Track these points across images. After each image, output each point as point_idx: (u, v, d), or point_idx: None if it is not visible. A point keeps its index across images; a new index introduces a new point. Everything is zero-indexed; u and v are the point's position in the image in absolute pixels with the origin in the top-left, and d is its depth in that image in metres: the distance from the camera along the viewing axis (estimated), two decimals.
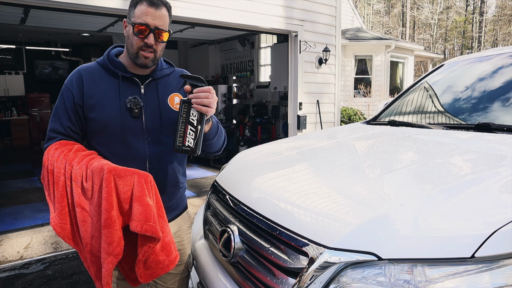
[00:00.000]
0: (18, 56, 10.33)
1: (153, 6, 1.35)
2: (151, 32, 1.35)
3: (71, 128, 1.42)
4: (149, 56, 1.38)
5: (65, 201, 1.30)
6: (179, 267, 1.60)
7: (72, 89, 1.41)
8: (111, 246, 1.23)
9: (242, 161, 1.94)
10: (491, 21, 32.09)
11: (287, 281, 1.09)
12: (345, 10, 12.82)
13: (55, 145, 1.38)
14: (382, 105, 2.87)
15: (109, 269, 1.24)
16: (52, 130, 1.43)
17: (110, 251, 1.23)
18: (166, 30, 1.39)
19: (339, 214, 1.10)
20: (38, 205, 4.94)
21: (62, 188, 1.30)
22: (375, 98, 10.77)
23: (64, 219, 1.29)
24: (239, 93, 8.69)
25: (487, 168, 1.27)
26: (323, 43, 6.40)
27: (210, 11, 4.97)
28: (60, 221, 1.29)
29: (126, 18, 1.42)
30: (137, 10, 1.35)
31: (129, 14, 1.39)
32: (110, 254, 1.23)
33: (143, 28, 1.34)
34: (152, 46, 1.37)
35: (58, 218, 1.29)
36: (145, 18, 1.34)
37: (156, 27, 1.35)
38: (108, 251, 1.23)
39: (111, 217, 1.22)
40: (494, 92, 2.00)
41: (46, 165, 1.34)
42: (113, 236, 1.22)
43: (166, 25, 1.40)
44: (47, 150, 1.38)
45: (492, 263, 0.90)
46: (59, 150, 1.36)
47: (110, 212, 1.22)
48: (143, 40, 1.36)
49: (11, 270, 3.16)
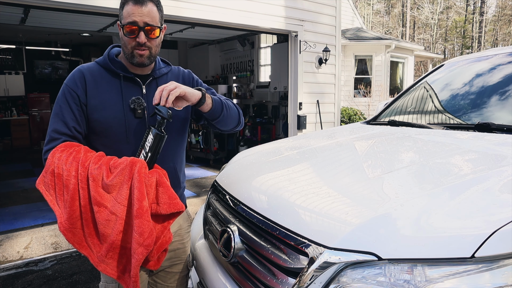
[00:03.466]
0: (18, 56, 10.32)
1: (138, 3, 1.34)
2: (141, 30, 1.34)
3: (76, 128, 1.39)
4: (144, 53, 1.38)
5: (77, 204, 1.28)
6: (179, 266, 1.60)
7: (76, 89, 1.39)
8: (142, 237, 1.23)
9: (242, 161, 1.94)
10: (491, 21, 32.09)
11: (287, 281, 1.09)
12: (345, 10, 12.82)
13: (60, 147, 1.35)
14: (382, 105, 2.87)
15: (139, 260, 1.24)
16: (55, 131, 1.38)
17: (141, 242, 1.23)
18: (156, 25, 1.37)
19: (339, 214, 1.10)
20: (38, 205, 4.94)
21: (73, 191, 1.28)
22: (375, 98, 10.77)
23: (74, 223, 1.28)
24: (239, 93, 8.69)
25: (487, 168, 1.27)
26: (323, 43, 6.40)
27: (210, 11, 4.97)
28: (71, 226, 1.28)
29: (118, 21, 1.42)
30: (124, 11, 1.35)
31: (119, 17, 1.39)
32: (141, 245, 1.23)
33: (133, 28, 1.34)
34: (145, 44, 1.36)
35: (68, 223, 1.27)
36: (132, 17, 1.33)
37: (145, 23, 1.34)
38: (139, 241, 1.23)
39: (143, 207, 1.24)
40: (494, 92, 2.00)
41: (52, 169, 1.31)
42: (144, 226, 1.24)
43: (156, 20, 1.38)
44: (52, 153, 1.33)
45: (492, 263, 0.90)
46: (66, 153, 1.33)
47: (141, 202, 1.24)
48: (135, 39, 1.35)
49: (11, 270, 3.16)
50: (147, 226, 1.25)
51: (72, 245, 1.30)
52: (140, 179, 1.26)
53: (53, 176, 1.31)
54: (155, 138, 1.31)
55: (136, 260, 1.24)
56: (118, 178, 1.27)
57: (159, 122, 1.32)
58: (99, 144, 1.43)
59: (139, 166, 1.27)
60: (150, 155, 1.33)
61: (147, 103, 1.44)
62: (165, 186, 1.32)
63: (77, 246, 1.30)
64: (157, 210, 1.31)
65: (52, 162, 1.32)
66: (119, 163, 1.30)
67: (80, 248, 1.31)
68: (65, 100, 1.39)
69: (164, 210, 1.31)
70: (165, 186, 1.32)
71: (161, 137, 1.32)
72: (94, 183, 1.27)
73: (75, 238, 1.29)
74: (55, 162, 1.31)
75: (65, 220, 1.28)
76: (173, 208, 1.32)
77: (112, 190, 1.27)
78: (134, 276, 1.26)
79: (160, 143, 1.32)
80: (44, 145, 1.40)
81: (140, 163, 1.28)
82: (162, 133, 1.32)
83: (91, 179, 1.28)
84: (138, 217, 1.24)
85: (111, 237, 1.26)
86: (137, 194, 1.24)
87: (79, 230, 1.29)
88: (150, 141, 1.31)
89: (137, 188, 1.25)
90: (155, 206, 1.31)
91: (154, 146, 1.31)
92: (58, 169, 1.30)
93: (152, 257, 1.36)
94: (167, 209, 1.31)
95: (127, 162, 1.28)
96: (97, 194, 1.27)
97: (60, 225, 1.28)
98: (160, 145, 1.33)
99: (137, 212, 1.24)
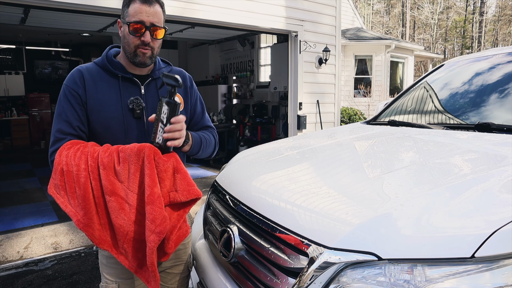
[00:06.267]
0: (18, 56, 10.32)
1: (147, 3, 1.34)
2: (147, 29, 1.35)
3: (81, 127, 1.39)
4: (147, 53, 1.38)
5: (91, 197, 1.25)
6: (179, 267, 1.60)
7: (77, 88, 1.39)
8: (154, 223, 1.21)
9: (242, 161, 1.94)
10: (491, 21, 32.09)
11: (287, 281, 1.09)
12: (345, 10, 12.81)
13: (66, 145, 1.33)
14: (382, 105, 2.87)
15: (152, 248, 1.21)
16: (59, 131, 1.37)
17: (153, 229, 1.21)
18: (161, 26, 1.39)
19: (339, 214, 1.10)
20: (38, 205, 4.94)
21: (85, 185, 1.24)
22: (375, 98, 10.77)
23: (91, 217, 1.24)
24: (239, 93, 8.70)
25: (487, 168, 1.27)
26: (323, 43, 6.40)
27: (210, 11, 4.97)
28: (89, 220, 1.24)
29: (120, 18, 1.42)
30: (131, 9, 1.35)
31: (123, 14, 1.39)
32: (153, 232, 1.20)
33: (138, 27, 1.34)
34: (149, 44, 1.37)
35: (86, 218, 1.24)
36: (139, 16, 1.34)
37: (151, 23, 1.35)
38: (151, 228, 1.21)
39: (154, 193, 1.22)
40: (494, 92, 2.00)
41: (61, 168, 1.28)
42: (156, 212, 1.21)
43: (161, 21, 1.39)
44: (59, 152, 1.31)
45: (492, 263, 0.90)
46: (74, 149, 1.30)
47: (153, 189, 1.22)
48: (140, 38, 1.35)
49: (11, 270, 3.16)
50: (159, 213, 1.22)
51: (92, 241, 1.27)
52: (150, 165, 1.23)
53: (62, 176, 1.28)
54: (170, 108, 1.28)
55: (150, 248, 1.21)
56: (128, 166, 1.24)
57: (170, 91, 1.29)
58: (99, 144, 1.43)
59: (147, 152, 1.24)
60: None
61: (146, 104, 1.44)
62: (183, 172, 1.30)
63: (97, 241, 1.26)
64: (175, 198, 1.28)
65: (60, 161, 1.29)
66: (128, 149, 1.27)
67: (99, 243, 1.27)
68: (67, 100, 1.39)
69: (183, 197, 1.29)
70: (183, 172, 1.30)
71: (176, 105, 1.28)
72: (105, 172, 1.24)
73: (95, 233, 1.25)
74: (63, 160, 1.28)
75: (82, 216, 1.24)
76: (192, 194, 1.30)
77: (122, 178, 1.25)
78: (151, 266, 1.22)
79: (176, 112, 1.29)
80: (50, 146, 1.38)
81: (147, 149, 1.25)
82: (176, 102, 1.29)
83: (101, 168, 1.25)
84: (149, 204, 1.21)
85: (124, 227, 1.24)
86: (148, 181, 1.22)
87: (98, 226, 1.26)
88: (165, 112, 1.27)
89: (148, 175, 1.22)
90: (174, 193, 1.28)
91: (172, 117, 1.28)
92: (67, 166, 1.27)
93: (170, 249, 1.32)
94: (186, 196, 1.29)
95: (135, 149, 1.26)
96: (108, 183, 1.24)
97: (78, 223, 1.24)
98: (177, 114, 1.30)
99: (148, 199, 1.21)
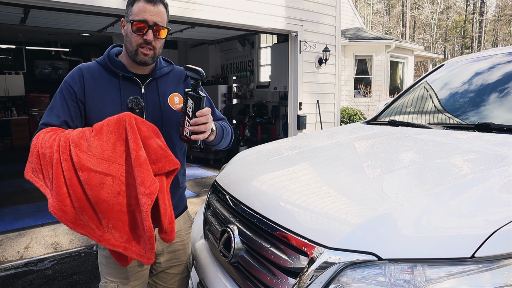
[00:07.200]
0: (18, 56, 10.32)
1: (151, 2, 1.35)
2: (150, 28, 1.35)
3: (68, 123, 1.38)
4: (149, 53, 1.38)
5: (62, 180, 1.22)
6: (179, 267, 1.60)
7: (74, 86, 1.40)
8: (143, 185, 1.20)
9: (242, 161, 1.94)
10: (491, 21, 32.09)
11: (287, 281, 1.09)
12: (345, 10, 12.81)
13: (44, 130, 1.33)
14: (382, 105, 2.87)
15: (145, 211, 1.20)
16: (45, 123, 1.37)
17: (143, 191, 1.20)
18: (164, 26, 1.40)
19: (339, 214, 1.10)
20: (38, 205, 4.94)
21: (56, 166, 1.22)
22: (375, 98, 10.77)
23: (63, 200, 1.21)
24: (239, 93, 8.69)
25: (487, 168, 1.27)
26: (323, 43, 6.40)
27: (210, 11, 4.97)
28: (60, 203, 1.20)
29: (123, 17, 1.42)
30: (135, 8, 1.36)
31: (127, 13, 1.39)
32: (144, 195, 1.20)
33: (141, 25, 1.35)
34: (151, 43, 1.37)
35: (57, 201, 1.21)
36: (143, 14, 1.34)
37: (154, 23, 1.36)
38: (141, 191, 1.20)
39: (140, 156, 1.22)
40: (494, 92, 2.00)
41: (37, 151, 1.27)
42: (143, 175, 1.21)
43: (164, 21, 1.40)
44: (36, 136, 1.31)
45: (492, 263, 0.90)
46: (50, 133, 1.29)
47: (138, 152, 1.22)
48: (142, 37, 1.36)
49: (11, 270, 3.16)
50: (148, 175, 1.22)
51: (65, 225, 1.23)
52: (133, 130, 1.24)
53: (38, 158, 1.27)
54: (195, 102, 1.32)
55: (144, 211, 1.20)
56: (108, 136, 1.24)
57: (194, 85, 1.33)
58: None
59: (128, 120, 1.25)
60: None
61: (146, 103, 1.44)
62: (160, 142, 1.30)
63: (71, 225, 1.22)
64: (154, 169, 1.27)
65: (36, 144, 1.29)
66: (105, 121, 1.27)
67: (75, 227, 1.23)
68: (62, 95, 1.40)
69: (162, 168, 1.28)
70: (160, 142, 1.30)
71: (200, 99, 1.32)
72: (77, 149, 1.22)
73: (67, 217, 1.21)
74: (39, 143, 1.28)
75: (53, 199, 1.21)
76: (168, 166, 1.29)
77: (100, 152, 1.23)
78: (149, 231, 1.21)
79: (202, 105, 1.33)
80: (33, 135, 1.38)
81: (128, 117, 1.26)
82: (200, 95, 1.33)
83: (72, 146, 1.22)
84: (136, 167, 1.21)
85: (109, 201, 1.22)
86: (133, 145, 1.22)
87: (70, 208, 1.22)
88: (191, 106, 1.32)
89: (131, 139, 1.23)
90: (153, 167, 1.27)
91: (197, 110, 1.33)
92: (42, 149, 1.26)
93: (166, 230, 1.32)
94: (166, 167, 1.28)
95: (114, 119, 1.26)
96: (82, 159, 1.21)
97: (49, 206, 1.22)
98: (202, 107, 1.34)
99: (135, 162, 1.21)
